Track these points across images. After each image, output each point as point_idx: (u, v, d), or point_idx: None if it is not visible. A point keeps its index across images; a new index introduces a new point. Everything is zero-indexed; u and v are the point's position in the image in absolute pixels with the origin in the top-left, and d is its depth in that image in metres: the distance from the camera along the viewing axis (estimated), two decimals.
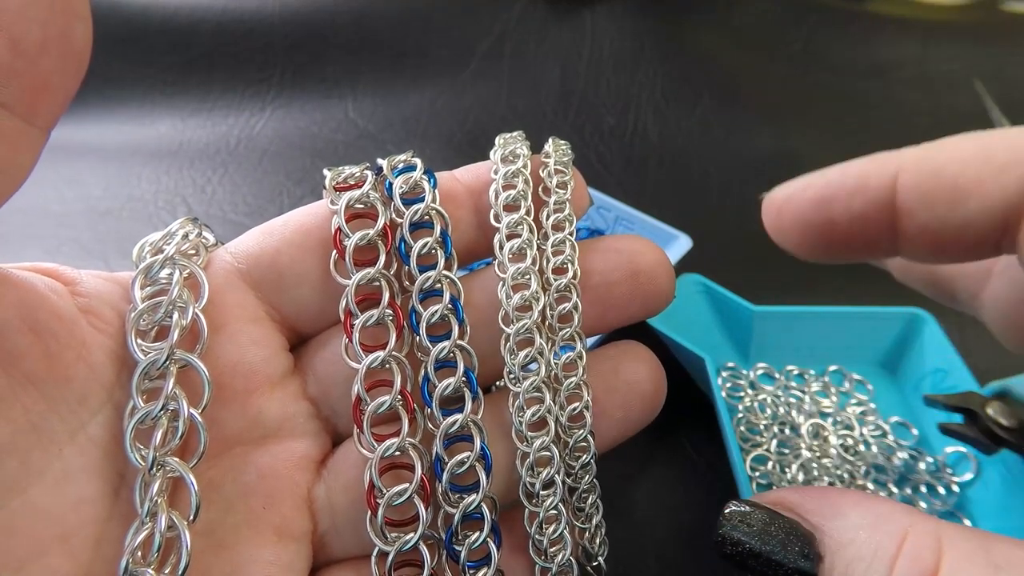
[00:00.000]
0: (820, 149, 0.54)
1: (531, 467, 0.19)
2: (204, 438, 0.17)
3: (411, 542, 0.18)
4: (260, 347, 0.19)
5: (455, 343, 0.19)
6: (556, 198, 0.20)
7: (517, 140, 0.21)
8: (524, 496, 0.19)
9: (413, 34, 0.58)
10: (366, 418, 0.18)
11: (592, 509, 0.20)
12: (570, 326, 0.20)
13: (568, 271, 0.20)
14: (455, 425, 0.18)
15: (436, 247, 0.19)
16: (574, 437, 0.19)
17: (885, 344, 0.37)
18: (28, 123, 0.13)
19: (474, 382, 0.19)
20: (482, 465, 0.18)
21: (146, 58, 0.55)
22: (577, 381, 0.19)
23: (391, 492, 0.18)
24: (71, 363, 0.16)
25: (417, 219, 0.19)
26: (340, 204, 0.19)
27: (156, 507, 0.16)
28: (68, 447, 0.15)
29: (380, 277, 0.19)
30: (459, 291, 0.19)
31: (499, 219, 0.20)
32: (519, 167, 0.20)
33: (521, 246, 0.19)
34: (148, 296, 0.17)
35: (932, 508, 0.32)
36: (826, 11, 0.63)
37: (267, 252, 0.19)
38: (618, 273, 0.20)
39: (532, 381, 0.19)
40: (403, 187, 0.20)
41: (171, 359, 0.17)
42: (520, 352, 0.19)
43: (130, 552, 0.15)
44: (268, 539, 0.18)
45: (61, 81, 0.13)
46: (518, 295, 0.19)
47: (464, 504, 0.18)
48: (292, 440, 0.19)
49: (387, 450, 0.18)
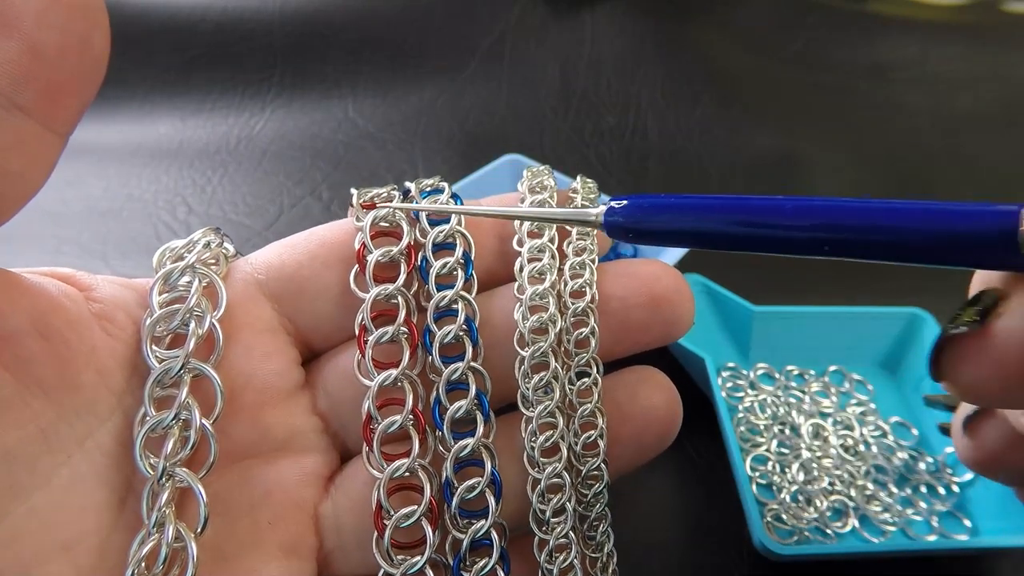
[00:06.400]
0: (820, 149, 0.54)
1: (542, 494, 0.18)
2: (215, 449, 0.16)
3: (417, 565, 0.17)
4: (273, 360, 0.19)
5: (468, 364, 0.19)
6: (580, 229, 0.20)
7: (544, 173, 0.22)
8: (534, 523, 0.19)
9: (413, 34, 0.58)
10: (376, 437, 0.18)
11: (603, 537, 0.20)
12: (587, 351, 0.19)
13: (586, 294, 0.19)
14: (466, 449, 0.18)
15: (457, 267, 0.19)
16: (587, 465, 0.19)
17: (885, 344, 0.37)
18: (47, 128, 0.13)
19: (486, 405, 0.19)
20: (492, 490, 0.18)
21: (146, 58, 0.55)
22: (592, 408, 0.19)
23: (399, 514, 0.17)
24: (82, 369, 0.15)
25: (441, 240, 0.19)
26: (366, 221, 0.19)
27: (164, 518, 0.15)
28: (76, 454, 0.15)
29: (398, 294, 0.19)
30: (475, 312, 0.19)
31: (522, 243, 0.20)
32: (545, 197, 0.21)
33: (541, 269, 0.19)
34: (166, 303, 0.17)
35: (932, 508, 0.32)
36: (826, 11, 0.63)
37: (288, 264, 0.19)
38: (637, 298, 0.20)
39: (546, 406, 0.19)
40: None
41: (186, 368, 0.16)
42: (535, 376, 0.19)
43: (136, 562, 0.15)
44: (273, 554, 0.18)
45: (79, 87, 0.14)
46: (535, 317, 0.19)
47: (473, 529, 0.18)
48: (300, 455, 0.19)
49: (396, 471, 0.18)
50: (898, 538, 0.31)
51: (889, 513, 0.32)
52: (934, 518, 0.32)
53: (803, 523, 0.31)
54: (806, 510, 0.31)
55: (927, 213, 0.13)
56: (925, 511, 0.32)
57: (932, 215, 0.13)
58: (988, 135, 0.56)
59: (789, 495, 0.32)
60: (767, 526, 0.30)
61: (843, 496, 0.32)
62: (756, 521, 0.28)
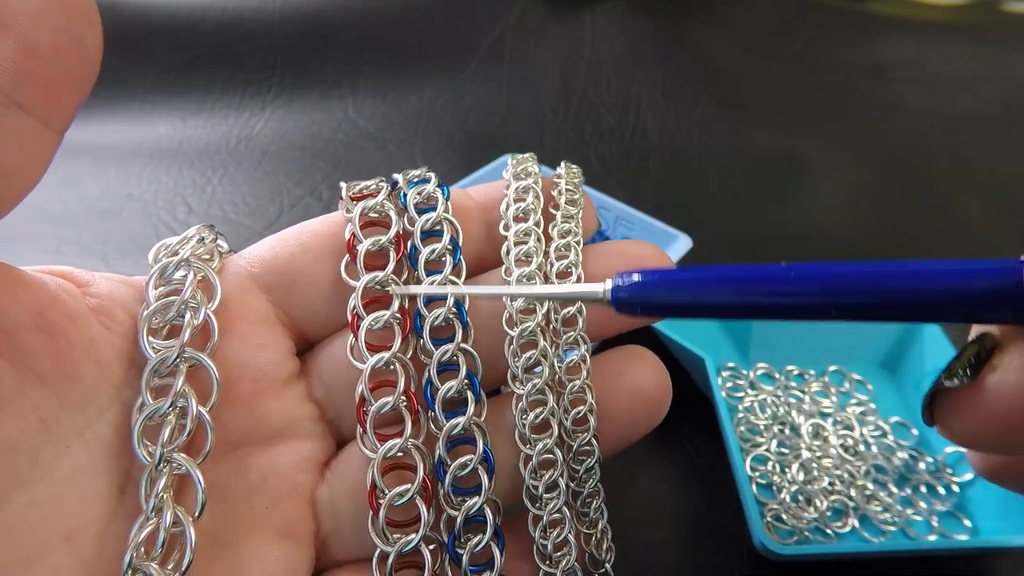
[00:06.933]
0: (820, 149, 0.54)
1: (534, 470, 0.19)
2: (211, 436, 0.17)
3: (412, 543, 0.18)
4: (269, 350, 0.19)
5: (458, 346, 0.19)
6: (564, 212, 0.21)
7: (528, 160, 0.22)
8: (528, 499, 0.19)
9: (413, 34, 0.58)
10: (369, 418, 0.18)
11: (597, 514, 0.20)
12: (574, 330, 0.20)
13: (572, 275, 0.20)
14: (458, 427, 0.18)
15: (445, 253, 0.20)
16: (578, 440, 0.19)
17: (885, 344, 0.37)
18: (43, 124, 0.14)
19: (476, 384, 0.19)
20: (484, 468, 0.18)
21: (146, 58, 0.55)
22: (581, 384, 0.19)
23: (393, 492, 0.18)
24: (80, 362, 0.16)
25: (428, 227, 0.20)
26: (355, 212, 0.20)
27: (161, 503, 0.16)
28: (76, 444, 0.16)
29: (389, 281, 0.19)
30: (464, 295, 0.20)
31: (508, 228, 0.20)
32: (530, 183, 0.21)
33: (528, 251, 0.20)
34: (161, 296, 0.18)
35: (932, 508, 0.32)
36: (826, 11, 0.63)
37: (281, 257, 0.20)
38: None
39: (535, 384, 0.19)
40: (417, 198, 0.20)
41: (181, 357, 0.17)
42: (524, 354, 0.19)
43: (134, 547, 0.15)
44: (271, 539, 0.18)
45: (74, 84, 0.14)
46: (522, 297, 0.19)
47: (466, 507, 0.18)
48: (296, 441, 0.19)
49: (390, 450, 0.18)
50: (898, 538, 0.31)
51: (889, 513, 0.32)
52: (934, 518, 0.32)
53: (803, 523, 0.31)
54: (806, 510, 0.31)
55: (923, 275, 0.14)
56: (925, 511, 0.32)
57: (930, 276, 0.14)
58: (988, 135, 0.56)
59: (789, 495, 0.32)
60: (767, 526, 0.30)
61: (843, 496, 0.32)
62: (756, 521, 0.28)
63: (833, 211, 0.49)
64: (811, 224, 0.48)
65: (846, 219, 0.49)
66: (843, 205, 0.50)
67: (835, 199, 0.50)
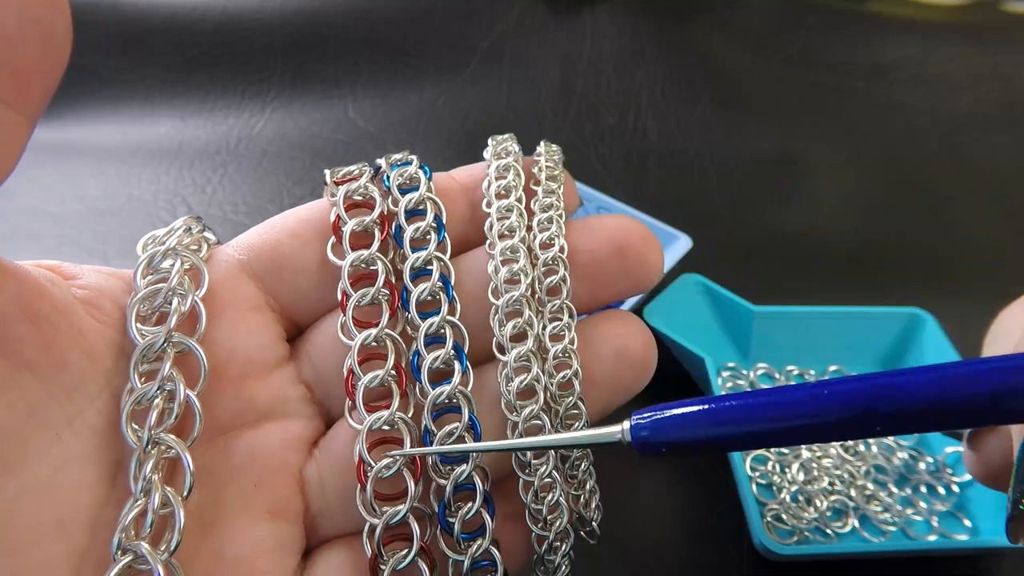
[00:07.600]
0: (820, 149, 0.54)
1: (521, 436, 0.19)
2: (199, 419, 0.17)
3: (400, 514, 0.18)
4: (258, 335, 0.19)
5: (444, 318, 0.19)
6: (545, 187, 0.21)
7: (508, 139, 0.23)
8: (517, 467, 0.19)
9: (413, 34, 0.58)
10: (358, 391, 0.18)
11: (585, 475, 0.20)
12: (559, 299, 0.20)
13: (555, 245, 0.20)
14: (442, 396, 0.19)
15: (430, 231, 0.20)
16: (564, 404, 0.19)
17: (885, 344, 0.37)
18: (14, 111, 0.14)
19: (463, 356, 0.19)
20: (471, 435, 0.19)
21: (146, 58, 0.55)
22: (564, 348, 0.20)
23: (380, 464, 0.18)
24: (68, 350, 0.16)
25: (412, 206, 0.20)
26: (339, 195, 0.20)
27: (150, 484, 0.16)
28: (66, 432, 0.16)
29: (376, 259, 0.20)
30: (449, 270, 0.20)
31: (490, 205, 0.21)
32: (510, 161, 0.21)
33: (511, 226, 0.20)
34: (149, 284, 0.18)
35: (932, 508, 0.32)
36: (826, 11, 0.63)
37: (268, 243, 0.20)
38: (605, 250, 0.20)
39: (520, 351, 0.19)
40: (399, 179, 0.21)
41: (169, 342, 0.17)
42: (509, 323, 0.19)
43: (122, 528, 0.15)
44: (260, 517, 0.18)
45: (43, 70, 0.14)
46: (506, 268, 0.19)
47: (455, 475, 0.18)
48: (285, 421, 0.19)
49: (376, 423, 0.18)
50: (898, 538, 0.31)
51: (889, 513, 0.32)
52: (934, 518, 0.32)
53: (803, 523, 0.31)
54: (806, 510, 0.31)
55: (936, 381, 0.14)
56: (925, 511, 0.32)
57: (939, 383, 0.14)
58: (988, 135, 0.56)
59: (789, 495, 0.32)
60: (767, 526, 0.30)
61: (843, 496, 0.32)
62: (756, 521, 0.28)
63: (833, 211, 0.49)
64: (811, 224, 0.48)
65: (846, 219, 0.49)
66: (843, 205, 0.50)
67: (835, 199, 0.50)
